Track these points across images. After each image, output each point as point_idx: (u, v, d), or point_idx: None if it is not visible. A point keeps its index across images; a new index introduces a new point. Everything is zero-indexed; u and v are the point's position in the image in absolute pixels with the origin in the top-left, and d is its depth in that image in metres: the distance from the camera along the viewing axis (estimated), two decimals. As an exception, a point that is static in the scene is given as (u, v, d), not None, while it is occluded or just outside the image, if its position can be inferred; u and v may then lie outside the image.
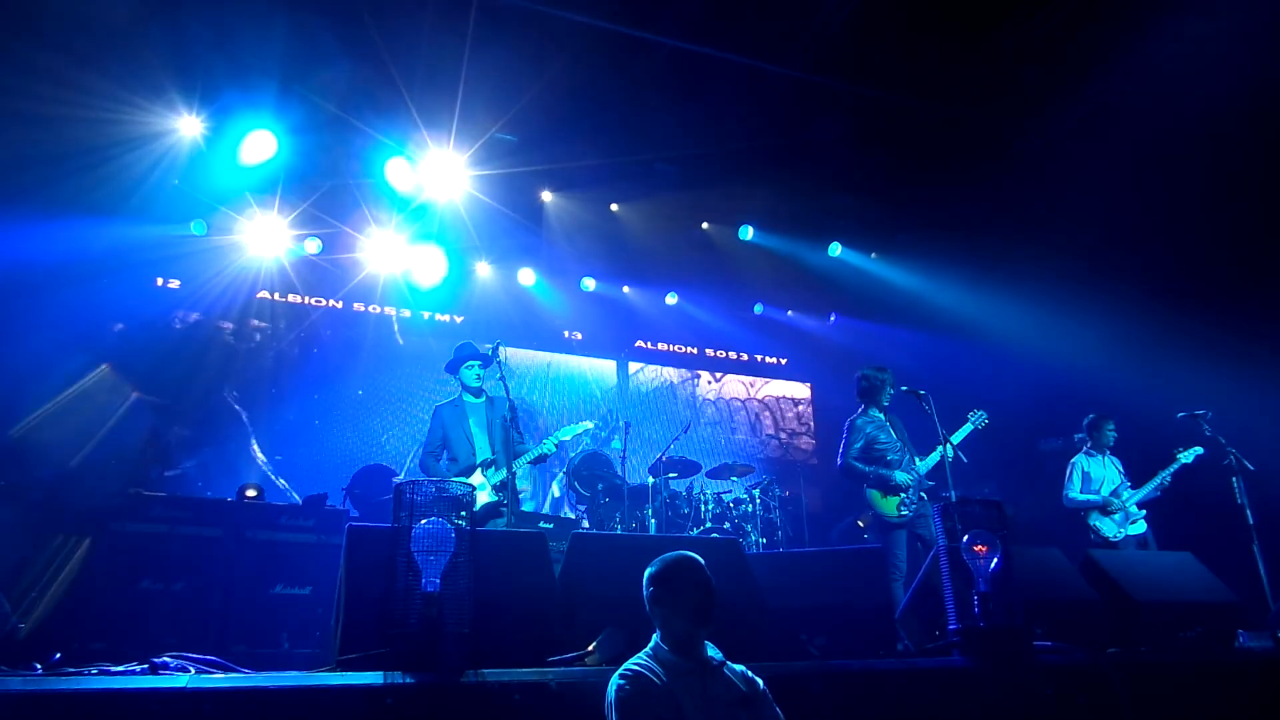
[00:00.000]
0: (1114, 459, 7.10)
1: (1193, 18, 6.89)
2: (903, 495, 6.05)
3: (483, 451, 5.71)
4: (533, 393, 10.82)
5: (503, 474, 5.54)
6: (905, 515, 6.03)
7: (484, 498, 5.49)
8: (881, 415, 6.39)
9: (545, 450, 5.73)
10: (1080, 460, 7.09)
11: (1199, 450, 6.75)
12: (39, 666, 2.92)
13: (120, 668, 2.91)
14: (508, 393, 5.67)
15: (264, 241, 9.24)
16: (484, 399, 5.96)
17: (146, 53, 6.87)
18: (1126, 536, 6.79)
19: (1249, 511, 6.15)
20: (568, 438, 6.06)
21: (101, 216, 8.09)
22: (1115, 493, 6.88)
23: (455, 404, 5.94)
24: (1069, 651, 3.80)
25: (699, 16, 7.11)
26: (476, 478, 5.58)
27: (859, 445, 6.30)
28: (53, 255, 7.50)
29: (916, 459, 6.23)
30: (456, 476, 5.34)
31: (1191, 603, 4.65)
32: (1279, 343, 7.51)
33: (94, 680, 2.68)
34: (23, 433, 6.98)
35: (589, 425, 6.32)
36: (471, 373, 5.89)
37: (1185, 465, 6.81)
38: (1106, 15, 7.17)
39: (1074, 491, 6.97)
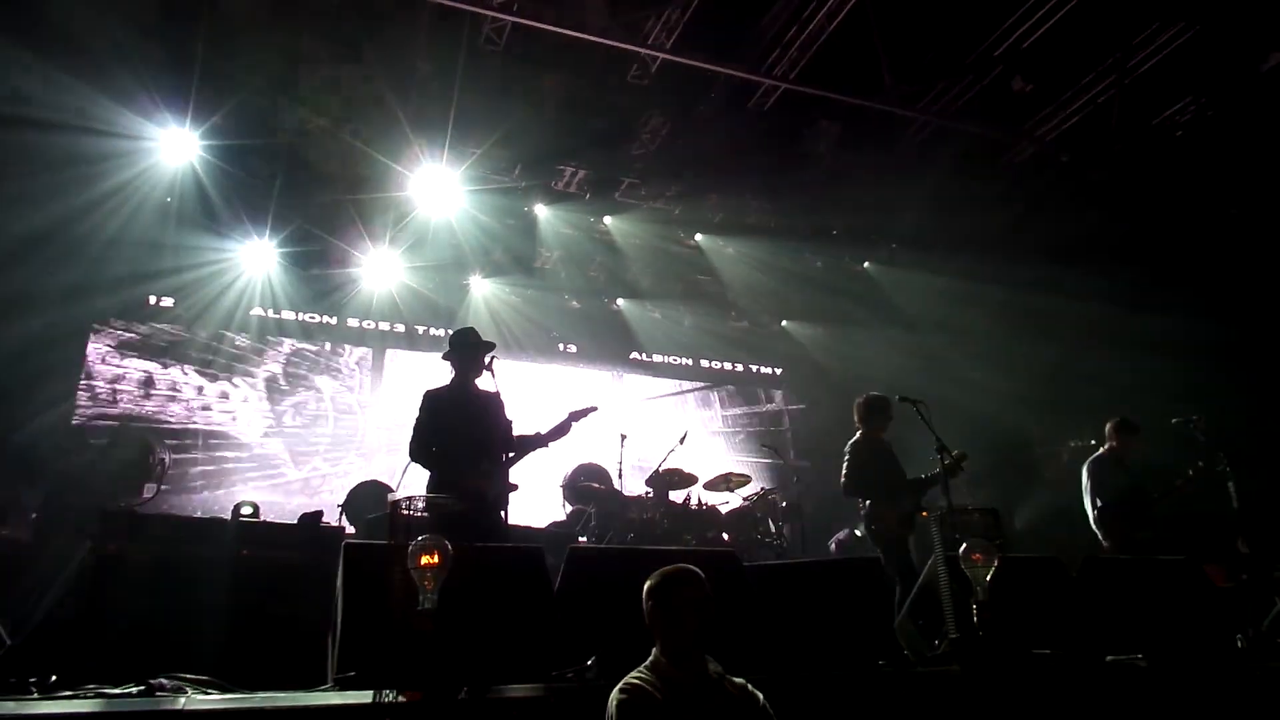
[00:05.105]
0: (1129, 463, 6.97)
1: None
2: (898, 515, 6.09)
3: (484, 443, 5.21)
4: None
5: (495, 471, 5.25)
6: (901, 532, 6.07)
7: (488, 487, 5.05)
8: (880, 437, 6.42)
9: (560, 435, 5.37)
10: (1096, 465, 6.95)
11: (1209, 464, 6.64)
12: (34, 689, 2.90)
13: (117, 689, 2.88)
14: (496, 389, 5.28)
15: (257, 259, 9.23)
16: (477, 392, 5.37)
17: (140, 68, 6.87)
18: (1129, 542, 6.71)
19: (1243, 516, 6.16)
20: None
21: (93, 232, 8.10)
22: (1128, 498, 6.75)
23: (453, 390, 5.32)
24: (1068, 659, 3.80)
25: (688, 28, 7.15)
26: (483, 468, 5.09)
27: (859, 466, 6.31)
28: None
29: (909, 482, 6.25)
30: (457, 465, 5.01)
31: (1189, 609, 4.66)
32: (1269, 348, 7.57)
33: (90, 702, 2.66)
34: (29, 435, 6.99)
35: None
36: (484, 360, 5.30)
37: (1191, 475, 6.72)
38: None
39: (1094, 496, 6.82)
